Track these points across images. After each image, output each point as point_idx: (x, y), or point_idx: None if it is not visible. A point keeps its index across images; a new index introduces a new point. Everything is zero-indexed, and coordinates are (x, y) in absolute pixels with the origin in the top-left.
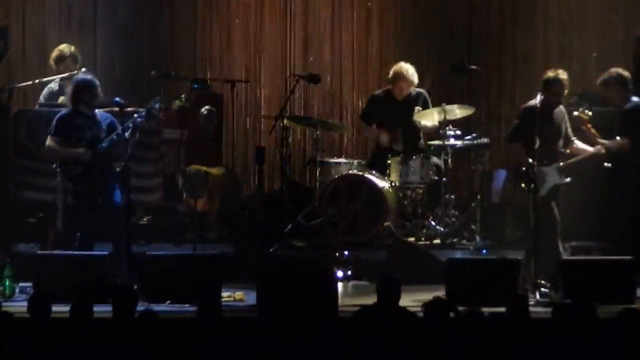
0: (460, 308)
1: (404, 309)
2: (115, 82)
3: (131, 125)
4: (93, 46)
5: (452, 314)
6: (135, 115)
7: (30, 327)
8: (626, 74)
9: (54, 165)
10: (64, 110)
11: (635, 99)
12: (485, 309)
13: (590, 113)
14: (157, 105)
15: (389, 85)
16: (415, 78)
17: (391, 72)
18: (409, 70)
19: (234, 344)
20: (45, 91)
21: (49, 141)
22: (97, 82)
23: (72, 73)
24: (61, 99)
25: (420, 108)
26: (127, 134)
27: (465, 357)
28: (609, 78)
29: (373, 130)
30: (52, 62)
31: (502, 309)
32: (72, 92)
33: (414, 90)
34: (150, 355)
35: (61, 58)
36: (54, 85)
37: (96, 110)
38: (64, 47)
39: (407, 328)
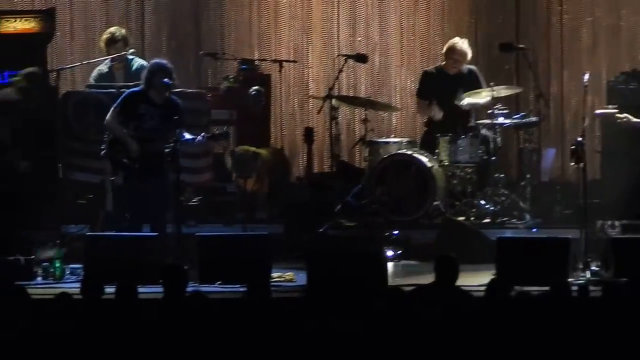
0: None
1: (461, 289)
2: None
3: (190, 141)
4: (141, 26)
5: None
6: (203, 134)
7: (84, 308)
8: None
9: (102, 147)
10: (136, 89)
11: None
12: (535, 288)
13: None
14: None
15: (443, 60)
16: (469, 52)
17: (445, 47)
18: (463, 44)
19: (284, 324)
20: (94, 73)
21: (110, 116)
22: (171, 67)
23: (120, 54)
24: None
25: (464, 98)
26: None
27: (513, 337)
28: None
29: (427, 107)
30: (102, 44)
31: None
32: (145, 76)
33: (466, 67)
34: (200, 336)
35: (112, 41)
36: (103, 67)
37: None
38: (115, 30)
39: (464, 308)
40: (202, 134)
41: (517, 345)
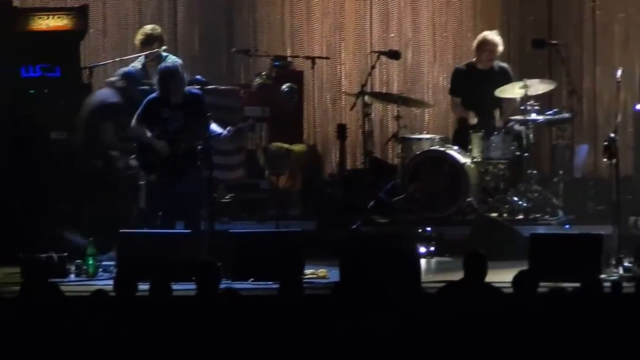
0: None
1: (490, 285)
2: (194, 60)
3: (218, 135)
4: (173, 23)
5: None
6: (229, 128)
7: (117, 305)
8: None
9: (135, 144)
10: (154, 95)
11: None
12: (569, 284)
13: None
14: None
15: (474, 55)
16: (500, 43)
17: (476, 41)
18: (494, 35)
19: (316, 321)
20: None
21: (134, 123)
22: (180, 68)
23: (154, 51)
24: None
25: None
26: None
27: (543, 334)
28: None
29: (462, 110)
30: (137, 42)
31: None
32: (158, 83)
33: (498, 64)
34: (233, 333)
35: (148, 40)
36: (137, 64)
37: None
38: (151, 29)
39: (493, 304)
40: (228, 128)
41: (548, 342)
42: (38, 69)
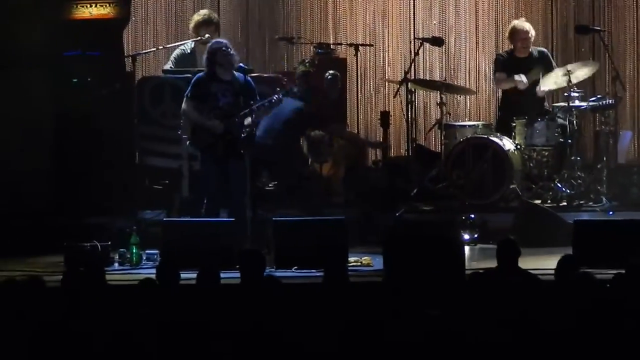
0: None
1: (525, 272)
2: (237, 48)
3: (267, 103)
4: (216, 11)
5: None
6: (276, 94)
7: (159, 294)
8: None
9: (179, 132)
10: (200, 73)
11: None
12: (614, 271)
13: None
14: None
15: (510, 45)
16: (531, 29)
17: (507, 32)
18: (523, 23)
19: (361, 308)
20: (177, 51)
21: (185, 104)
22: (229, 44)
23: (197, 39)
24: None
25: (540, 75)
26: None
27: (583, 318)
28: None
29: (508, 80)
30: (194, 25)
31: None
32: (206, 57)
33: (535, 49)
34: (276, 320)
35: (206, 23)
36: (186, 47)
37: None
38: (210, 13)
39: (527, 290)
40: (277, 89)
41: (586, 328)
42: (79, 51)
